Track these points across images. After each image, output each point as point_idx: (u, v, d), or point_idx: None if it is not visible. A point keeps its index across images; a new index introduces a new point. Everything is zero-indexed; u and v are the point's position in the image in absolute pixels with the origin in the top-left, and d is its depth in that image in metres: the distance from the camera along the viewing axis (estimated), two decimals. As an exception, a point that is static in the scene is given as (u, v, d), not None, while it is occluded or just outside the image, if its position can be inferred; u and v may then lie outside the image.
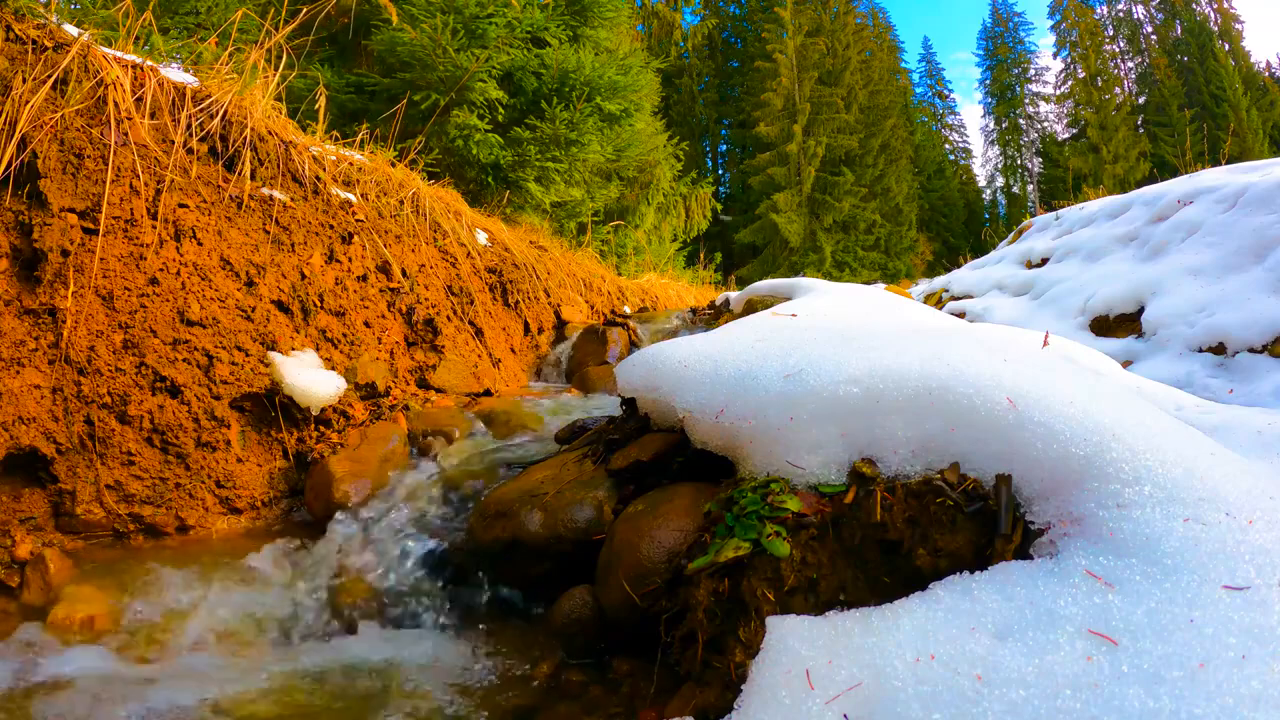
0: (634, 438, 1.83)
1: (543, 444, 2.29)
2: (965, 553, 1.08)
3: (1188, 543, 0.88)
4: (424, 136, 4.24)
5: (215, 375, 2.11)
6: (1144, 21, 34.53)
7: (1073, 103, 33.46)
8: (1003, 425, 1.11)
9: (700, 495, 1.48)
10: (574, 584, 1.55)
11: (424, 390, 2.79)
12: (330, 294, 2.55)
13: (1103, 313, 3.94)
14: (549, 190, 5.44)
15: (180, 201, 2.17)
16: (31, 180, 1.90)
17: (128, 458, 1.96)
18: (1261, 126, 26.90)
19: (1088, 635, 0.82)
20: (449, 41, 4.41)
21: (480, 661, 1.54)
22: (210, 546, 1.98)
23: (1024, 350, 1.51)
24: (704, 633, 1.22)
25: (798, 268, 22.73)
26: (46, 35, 2.04)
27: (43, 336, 1.87)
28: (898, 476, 1.19)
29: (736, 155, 31.03)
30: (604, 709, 1.31)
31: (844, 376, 1.31)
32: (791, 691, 0.90)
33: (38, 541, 1.82)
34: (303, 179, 2.63)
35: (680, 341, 1.79)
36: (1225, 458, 1.09)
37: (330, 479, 2.11)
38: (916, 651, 0.88)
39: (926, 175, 33.81)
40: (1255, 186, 3.75)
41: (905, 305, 2.65)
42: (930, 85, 41.32)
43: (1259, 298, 3.11)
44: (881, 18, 35.82)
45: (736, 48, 30.99)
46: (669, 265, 9.68)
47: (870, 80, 28.60)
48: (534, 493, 1.75)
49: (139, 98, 2.18)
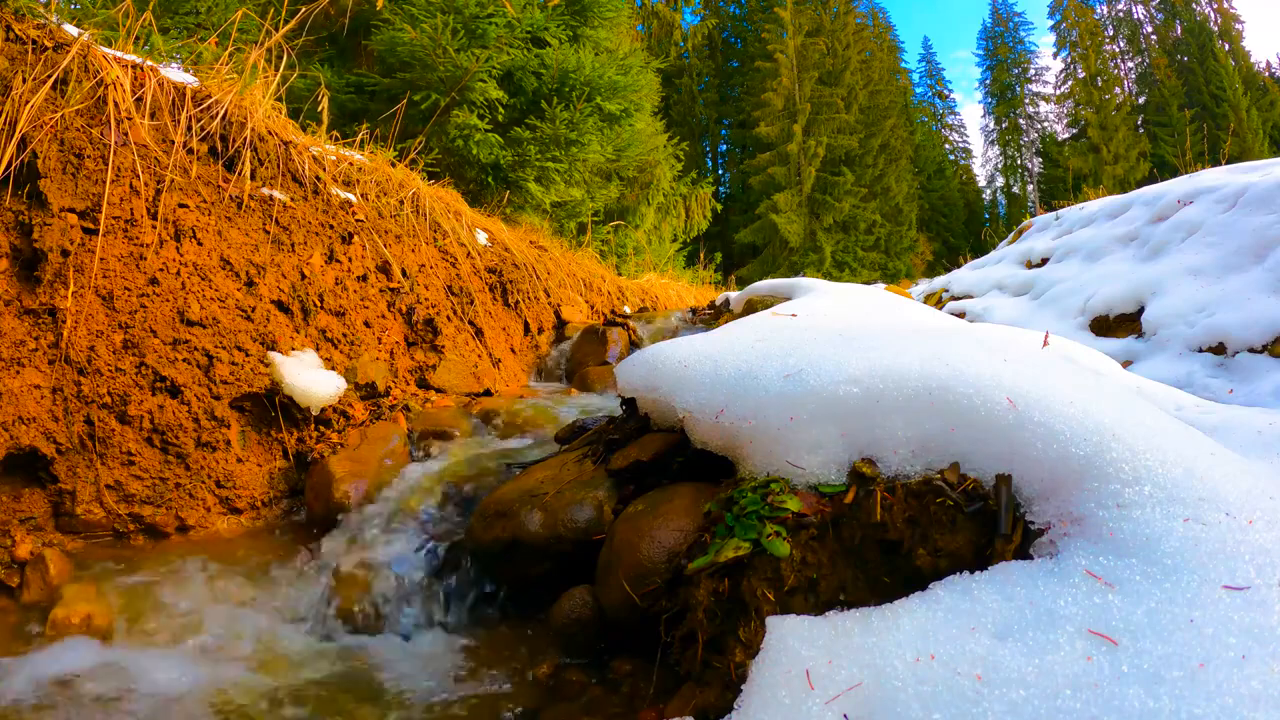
0: (634, 438, 1.83)
1: (543, 444, 2.29)
2: (965, 553, 1.08)
3: (1188, 543, 0.88)
4: (424, 136, 4.24)
5: (215, 375, 2.11)
6: (1144, 21, 34.54)
7: (1073, 103, 33.46)
8: (1003, 425, 1.11)
9: (700, 495, 1.48)
10: (574, 584, 1.55)
11: (424, 390, 2.79)
12: (330, 294, 2.55)
13: (1103, 313, 3.94)
14: (549, 190, 5.44)
15: (180, 201, 2.17)
16: (31, 180, 1.90)
17: (128, 458, 1.96)
18: (1261, 126, 26.90)
19: (1088, 635, 0.82)
20: (449, 41, 4.41)
21: (480, 661, 1.55)
22: (210, 546, 1.98)
23: (1024, 350, 1.51)
24: (704, 633, 1.22)
25: (798, 268, 22.72)
26: (46, 35, 2.04)
27: (43, 336, 1.87)
28: (898, 476, 1.19)
29: (736, 155, 31.02)
30: (604, 709, 1.31)
31: (844, 376, 1.31)
32: (791, 691, 0.90)
33: (38, 541, 1.82)
34: (303, 179, 2.63)
35: (680, 341, 1.79)
36: (1225, 458, 1.09)
37: (330, 479, 2.11)
38: (916, 651, 0.88)
39: (926, 175, 33.81)
40: (1255, 186, 3.75)
41: (905, 305, 2.65)
42: (930, 85, 41.34)
43: (1259, 298, 3.11)
44: (881, 18, 35.84)
45: (736, 48, 30.99)
46: (669, 265, 9.68)
47: (870, 80, 28.60)
48: (534, 493, 1.75)
49: (139, 98, 2.18)
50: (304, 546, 2.02)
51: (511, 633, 1.64)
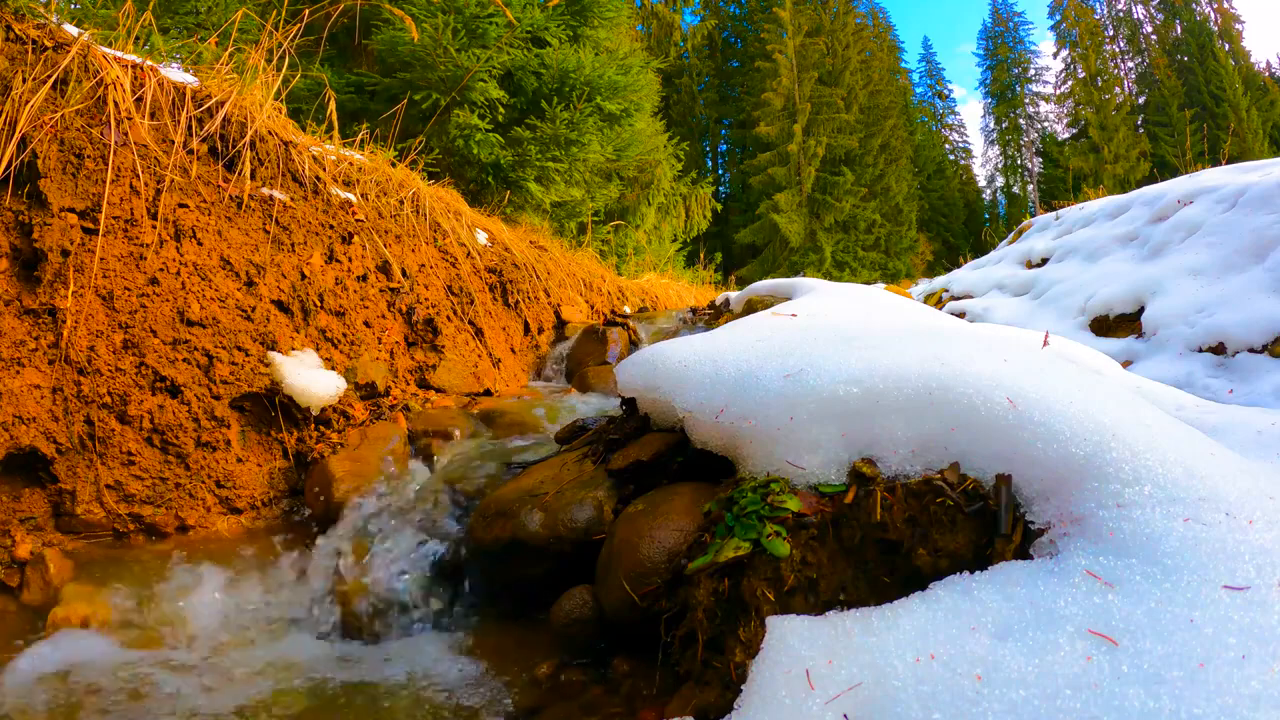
0: (634, 438, 1.83)
1: (543, 444, 2.29)
2: (965, 553, 1.08)
3: (1188, 543, 0.88)
4: (424, 136, 4.23)
5: (215, 375, 2.11)
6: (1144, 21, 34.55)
7: (1073, 103, 33.46)
8: (1003, 425, 1.11)
9: (700, 495, 1.48)
10: (574, 584, 1.55)
11: (424, 390, 2.79)
12: (330, 294, 2.55)
13: (1103, 313, 3.94)
14: (549, 190, 5.44)
15: (180, 201, 2.17)
16: (31, 180, 1.90)
17: (128, 458, 1.96)
18: (1261, 126, 26.90)
19: (1088, 635, 0.82)
20: (449, 41, 4.41)
21: (480, 661, 1.55)
22: (210, 546, 1.98)
23: (1024, 350, 1.51)
24: (704, 633, 1.22)
25: (798, 268, 22.72)
26: (46, 35, 2.04)
27: (43, 336, 1.87)
28: (898, 476, 1.19)
29: (736, 155, 31.03)
30: (604, 709, 1.31)
31: (844, 376, 1.31)
32: (791, 691, 0.90)
33: (38, 541, 1.82)
34: (303, 179, 2.63)
35: (680, 341, 1.79)
36: (1225, 458, 1.09)
37: (330, 479, 2.11)
38: (916, 651, 0.88)
39: (926, 175, 33.82)
40: (1255, 186, 3.75)
41: (905, 305, 2.65)
42: (930, 85, 41.35)
43: (1259, 298, 3.11)
44: (881, 18, 35.86)
45: (736, 48, 31.00)
46: (669, 265, 9.67)
47: (870, 80, 28.61)
48: (534, 493, 1.75)
49: (139, 98, 2.18)
50: (304, 546, 2.02)
51: (511, 633, 1.64)
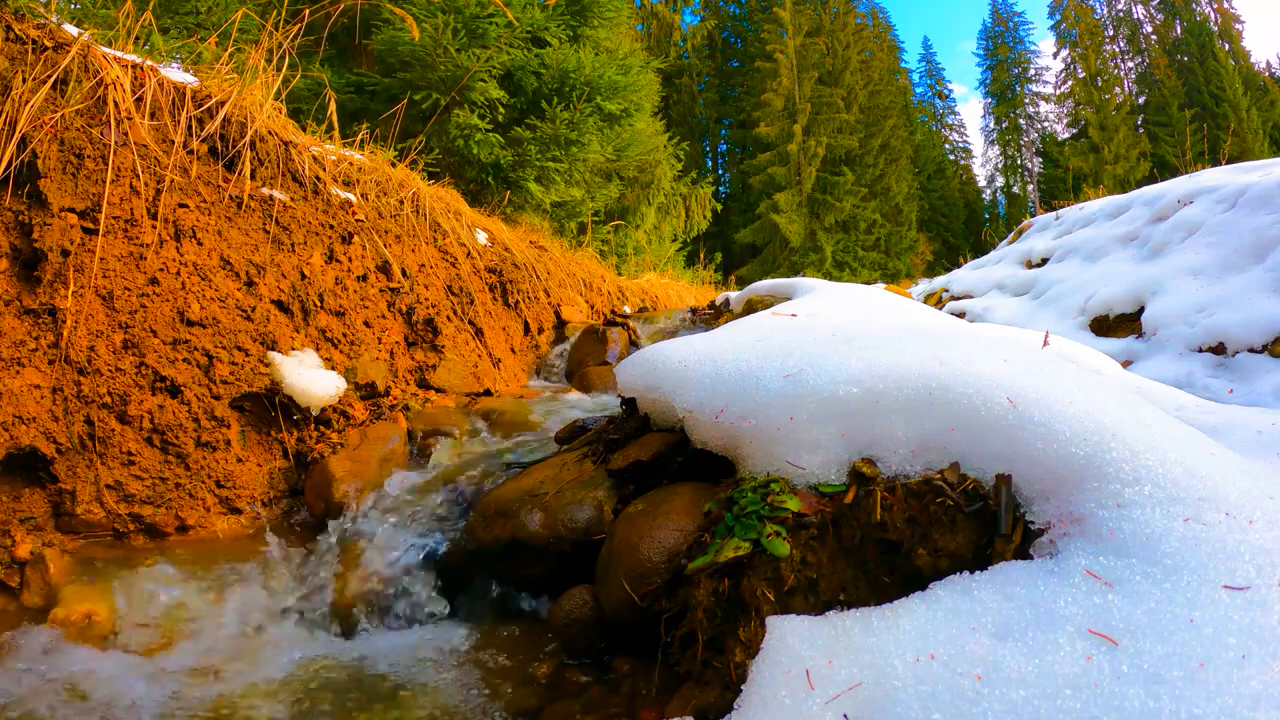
0: (634, 438, 1.83)
1: (543, 444, 2.29)
2: (965, 553, 1.08)
3: (1188, 543, 0.88)
4: (424, 136, 4.23)
5: (215, 375, 2.11)
6: (1144, 21, 34.55)
7: (1073, 103, 33.47)
8: (1003, 425, 1.11)
9: (700, 495, 1.48)
10: (574, 584, 1.55)
11: (424, 390, 2.79)
12: (330, 294, 2.55)
13: (1103, 313, 3.94)
14: (549, 190, 5.44)
15: (180, 201, 2.17)
16: (31, 180, 1.90)
17: (128, 458, 1.96)
18: (1261, 126, 26.90)
19: (1088, 635, 0.82)
20: (449, 41, 4.41)
21: (480, 661, 1.54)
22: (210, 546, 1.98)
23: (1024, 350, 1.51)
24: (704, 633, 1.22)
25: (798, 268, 22.73)
26: (46, 35, 2.04)
27: (43, 336, 1.87)
28: (898, 476, 1.19)
29: (736, 155, 31.04)
30: (604, 709, 1.31)
31: (844, 376, 1.31)
32: (791, 691, 0.90)
33: (38, 541, 1.82)
34: (303, 179, 2.63)
35: (680, 341, 1.79)
36: (1225, 458, 1.09)
37: (330, 479, 2.11)
38: (916, 651, 0.88)
39: (926, 175, 33.82)
40: (1255, 186, 3.75)
41: (905, 305, 2.65)
42: (930, 85, 41.36)
43: (1259, 298, 3.11)
44: (881, 18, 35.86)
45: (736, 48, 31.01)
46: (669, 265, 9.67)
47: (870, 80, 28.61)
48: (534, 493, 1.75)
49: (139, 98, 2.18)
50: (304, 546, 2.02)
51: (511, 632, 1.64)
